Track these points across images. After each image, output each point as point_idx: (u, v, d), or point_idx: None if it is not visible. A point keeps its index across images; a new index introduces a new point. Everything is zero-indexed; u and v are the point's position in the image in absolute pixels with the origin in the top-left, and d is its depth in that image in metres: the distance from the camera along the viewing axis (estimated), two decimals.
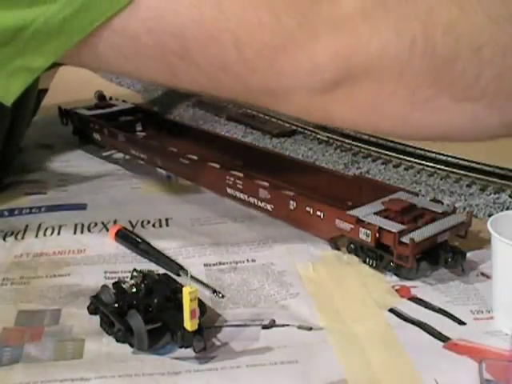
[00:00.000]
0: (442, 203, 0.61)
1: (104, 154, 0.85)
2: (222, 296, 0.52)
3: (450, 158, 0.82)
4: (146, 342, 0.45)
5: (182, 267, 0.56)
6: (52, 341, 0.47)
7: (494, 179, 0.76)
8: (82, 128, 0.91)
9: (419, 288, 0.54)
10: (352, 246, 0.58)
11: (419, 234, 0.54)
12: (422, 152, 0.85)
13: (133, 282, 0.48)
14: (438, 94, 0.40)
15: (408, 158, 0.84)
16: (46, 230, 0.65)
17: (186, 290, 0.42)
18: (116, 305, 0.46)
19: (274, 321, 0.49)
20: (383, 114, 0.42)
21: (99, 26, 0.41)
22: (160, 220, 0.67)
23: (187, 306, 0.42)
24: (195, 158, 0.74)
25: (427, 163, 0.82)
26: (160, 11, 0.40)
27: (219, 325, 0.49)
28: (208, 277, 0.56)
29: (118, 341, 0.45)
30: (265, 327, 0.49)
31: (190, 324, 0.43)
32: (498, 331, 0.48)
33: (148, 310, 0.45)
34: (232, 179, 0.68)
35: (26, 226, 0.66)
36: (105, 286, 0.48)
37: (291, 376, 0.43)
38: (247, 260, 0.59)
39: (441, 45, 0.39)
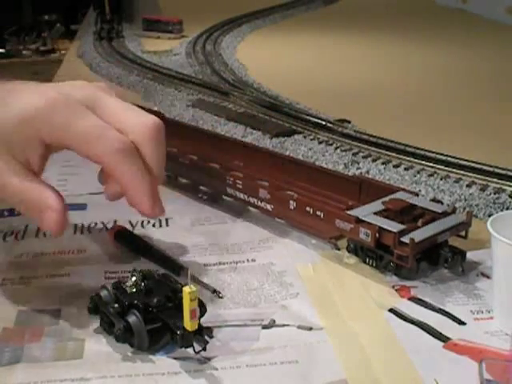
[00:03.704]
0: (442, 203, 0.61)
1: None
2: (222, 296, 0.52)
3: (449, 158, 0.82)
4: (146, 341, 0.45)
5: (182, 267, 0.56)
6: (52, 341, 0.47)
7: (494, 179, 0.76)
8: None
9: (419, 288, 0.54)
10: (352, 245, 0.58)
11: (419, 234, 0.54)
12: (422, 152, 0.85)
13: (133, 281, 0.48)
14: None
15: (408, 158, 0.84)
16: None
17: (185, 290, 0.42)
18: (116, 305, 0.46)
19: (274, 321, 0.49)
20: None
21: None
22: (160, 220, 0.67)
23: (187, 306, 0.42)
24: (195, 157, 0.74)
25: (427, 163, 0.82)
26: None
27: (219, 325, 0.49)
28: (208, 277, 0.56)
29: (117, 341, 0.45)
30: (265, 327, 0.49)
31: (189, 324, 0.43)
32: (497, 331, 0.48)
33: (148, 310, 0.45)
34: (232, 179, 0.68)
35: (26, 226, 0.66)
36: (105, 286, 0.48)
37: (291, 376, 0.43)
38: (247, 260, 0.59)
39: None
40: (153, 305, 0.45)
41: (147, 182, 0.47)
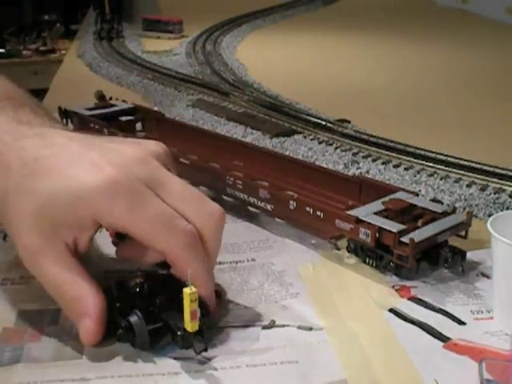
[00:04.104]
0: (442, 203, 0.61)
1: None
2: (223, 296, 0.52)
3: (449, 158, 0.82)
4: (147, 342, 0.45)
5: None
6: (52, 341, 0.47)
7: (494, 179, 0.76)
8: (81, 128, 0.91)
9: (419, 288, 0.54)
10: (352, 245, 0.58)
11: (419, 234, 0.54)
12: (422, 152, 0.85)
13: (135, 281, 0.48)
14: None
15: (408, 158, 0.84)
16: None
17: (186, 291, 0.42)
18: (118, 304, 0.46)
19: (274, 321, 0.49)
20: None
21: None
22: None
23: (187, 306, 0.42)
24: (195, 157, 0.74)
25: (427, 163, 0.82)
26: None
27: (219, 325, 0.49)
28: None
29: (119, 340, 0.45)
30: (265, 327, 0.49)
31: (190, 325, 0.43)
32: (497, 331, 0.48)
33: (150, 310, 0.45)
34: (232, 179, 0.68)
35: None
36: (106, 286, 0.48)
37: (291, 376, 0.43)
38: (247, 260, 0.59)
39: None
40: (155, 305, 0.45)
41: (209, 275, 0.47)
